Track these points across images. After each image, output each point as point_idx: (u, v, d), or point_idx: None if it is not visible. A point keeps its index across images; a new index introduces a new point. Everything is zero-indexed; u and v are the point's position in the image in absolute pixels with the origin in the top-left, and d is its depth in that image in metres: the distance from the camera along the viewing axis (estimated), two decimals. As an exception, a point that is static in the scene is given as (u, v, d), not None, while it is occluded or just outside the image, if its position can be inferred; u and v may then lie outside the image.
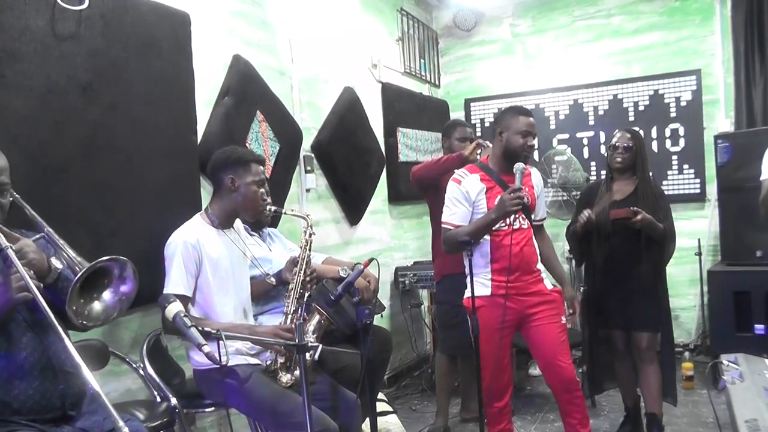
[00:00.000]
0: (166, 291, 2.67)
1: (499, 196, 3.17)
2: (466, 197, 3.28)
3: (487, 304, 3.24)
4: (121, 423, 1.66)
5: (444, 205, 3.39)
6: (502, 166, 3.32)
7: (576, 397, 3.30)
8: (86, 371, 1.72)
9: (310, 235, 3.08)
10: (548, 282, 3.36)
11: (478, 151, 3.86)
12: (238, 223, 3.11)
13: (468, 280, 3.12)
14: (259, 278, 3.18)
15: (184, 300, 2.75)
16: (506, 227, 3.25)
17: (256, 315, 3.19)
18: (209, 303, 2.84)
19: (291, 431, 2.64)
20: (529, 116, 3.31)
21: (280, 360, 2.83)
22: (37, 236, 2.07)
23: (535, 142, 3.32)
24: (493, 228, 3.23)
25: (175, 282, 2.75)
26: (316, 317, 3.01)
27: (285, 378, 2.80)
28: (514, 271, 3.24)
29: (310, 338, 2.93)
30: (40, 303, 1.78)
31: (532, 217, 3.40)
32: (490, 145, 3.59)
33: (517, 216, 3.25)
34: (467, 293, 3.19)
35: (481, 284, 3.26)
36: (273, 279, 3.14)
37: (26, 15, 2.58)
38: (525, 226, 3.30)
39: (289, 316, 2.89)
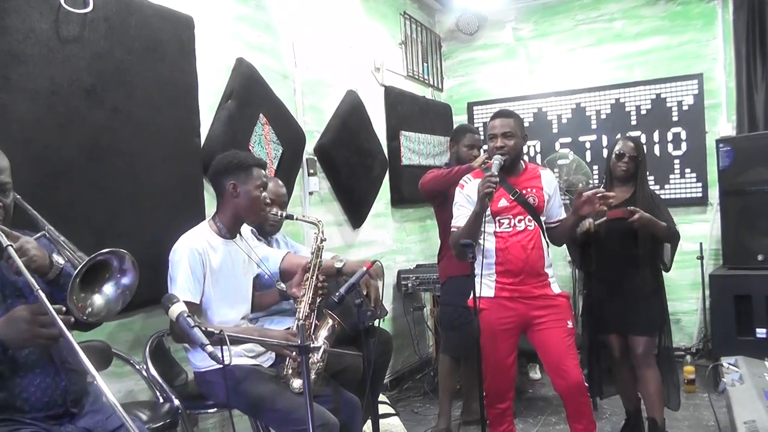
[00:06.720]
0: None
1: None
2: (468, 200, 3.34)
3: (491, 306, 3.27)
4: (129, 422, 1.65)
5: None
6: (506, 169, 3.34)
7: (582, 403, 3.29)
8: (93, 371, 1.72)
9: (322, 241, 3.04)
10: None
11: (485, 164, 3.83)
12: (245, 228, 3.09)
13: (474, 281, 3.13)
14: (266, 281, 3.17)
15: (192, 307, 2.69)
16: (510, 229, 3.29)
17: (254, 319, 3.17)
18: (209, 313, 2.83)
19: (291, 427, 2.63)
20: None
21: (292, 365, 2.79)
22: (38, 235, 2.09)
23: (502, 141, 3.31)
24: (497, 229, 3.28)
25: (182, 288, 2.72)
26: (329, 322, 2.96)
27: (297, 383, 2.73)
28: (519, 273, 3.27)
29: (322, 343, 2.87)
30: (45, 305, 1.78)
31: (543, 219, 3.40)
32: None
33: (522, 218, 3.29)
34: (472, 294, 3.22)
35: (486, 285, 3.30)
36: (282, 285, 3.10)
37: (31, 18, 2.60)
38: (531, 228, 3.31)
39: (301, 322, 2.84)
